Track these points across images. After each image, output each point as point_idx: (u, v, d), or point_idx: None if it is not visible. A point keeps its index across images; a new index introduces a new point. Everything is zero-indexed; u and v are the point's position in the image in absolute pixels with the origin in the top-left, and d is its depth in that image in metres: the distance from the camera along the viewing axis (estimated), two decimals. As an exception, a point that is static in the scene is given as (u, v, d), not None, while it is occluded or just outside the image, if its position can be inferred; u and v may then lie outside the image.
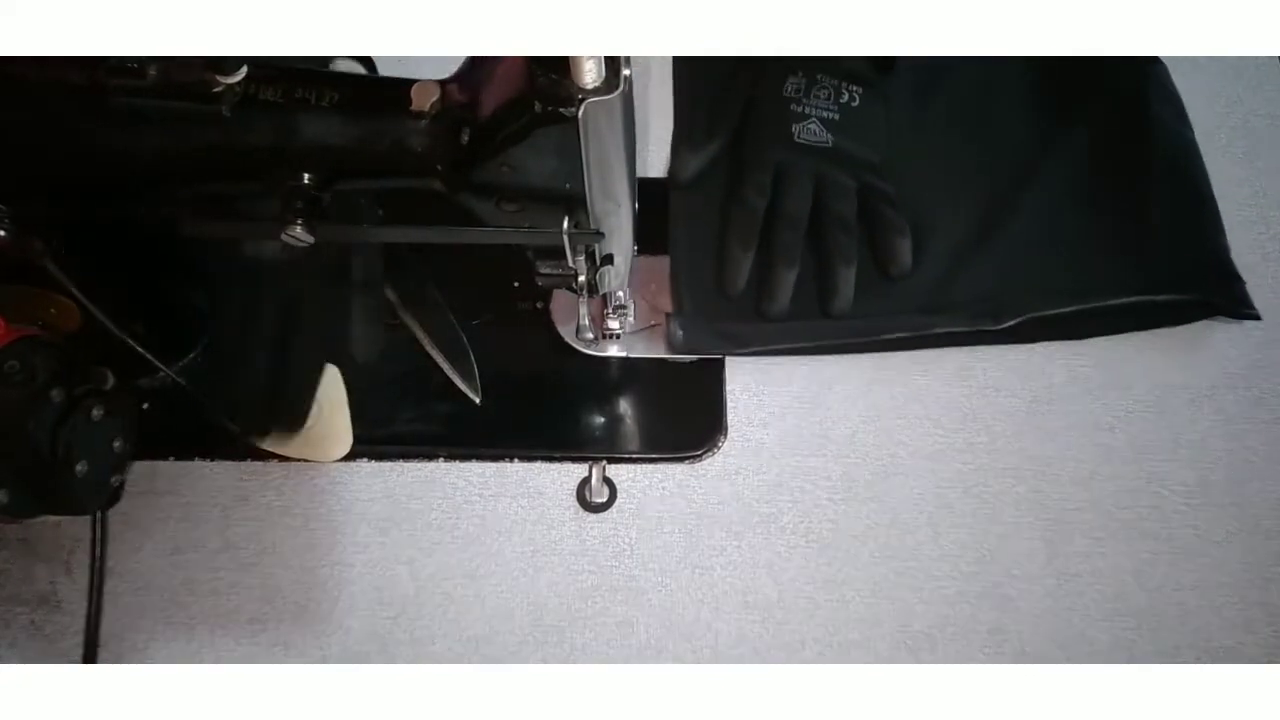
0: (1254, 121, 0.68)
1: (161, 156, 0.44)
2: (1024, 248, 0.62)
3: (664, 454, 0.58)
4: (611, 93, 0.37)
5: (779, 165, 0.63)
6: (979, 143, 0.66)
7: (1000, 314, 0.59)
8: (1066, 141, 0.65)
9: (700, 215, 0.63)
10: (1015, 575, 0.55)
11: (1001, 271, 0.61)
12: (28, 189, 0.45)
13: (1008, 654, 0.54)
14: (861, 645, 0.54)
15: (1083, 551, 0.56)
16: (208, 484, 0.57)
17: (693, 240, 0.62)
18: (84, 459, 0.47)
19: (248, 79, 0.42)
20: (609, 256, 0.47)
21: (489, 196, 0.44)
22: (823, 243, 0.61)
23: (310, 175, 0.44)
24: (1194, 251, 0.61)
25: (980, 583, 0.55)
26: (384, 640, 0.54)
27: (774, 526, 0.56)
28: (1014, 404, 0.60)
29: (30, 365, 0.45)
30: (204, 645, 0.54)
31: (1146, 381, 0.60)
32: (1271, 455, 0.58)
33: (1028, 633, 0.54)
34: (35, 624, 0.54)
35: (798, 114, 0.64)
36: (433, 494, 0.57)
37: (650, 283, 0.61)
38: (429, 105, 0.42)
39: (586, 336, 0.59)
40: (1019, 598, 0.55)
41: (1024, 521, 0.57)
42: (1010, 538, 0.56)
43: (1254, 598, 0.55)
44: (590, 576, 0.55)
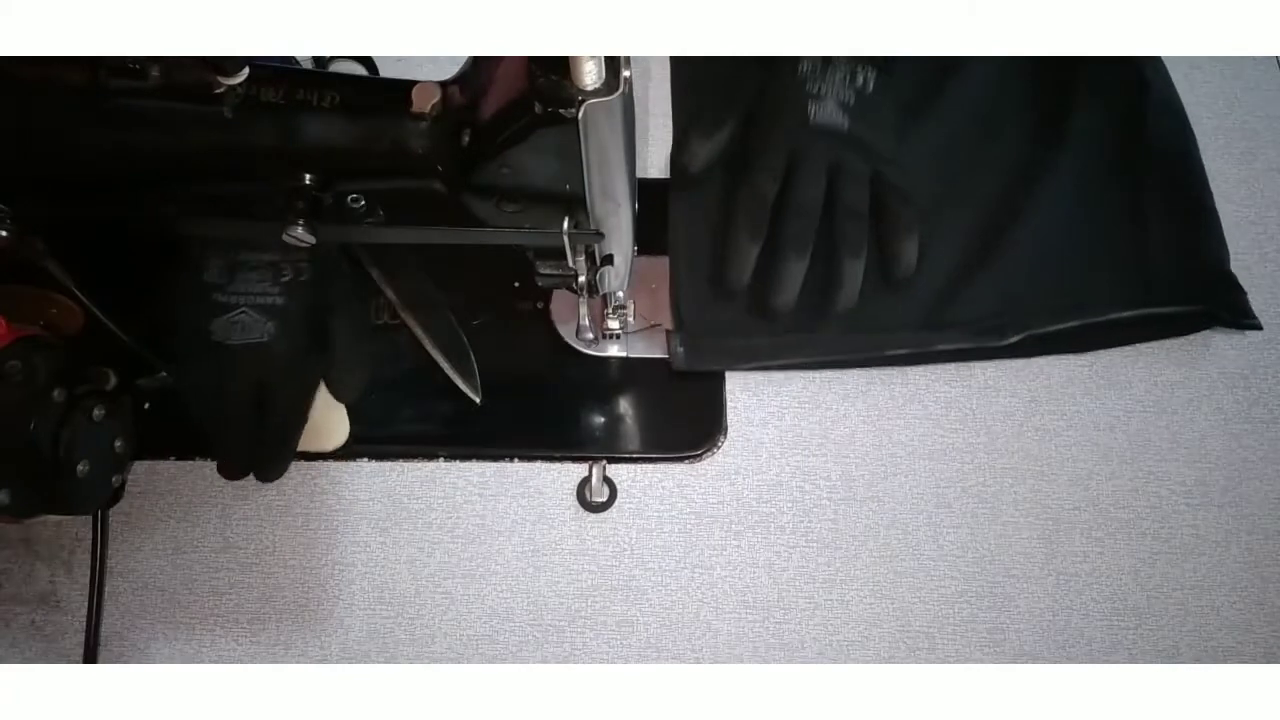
0: (1253, 122, 0.68)
1: (163, 157, 0.44)
2: (1025, 263, 0.61)
3: (664, 454, 0.58)
4: (611, 94, 0.37)
5: (793, 150, 0.61)
6: (976, 155, 0.65)
7: (1003, 330, 0.59)
8: (1065, 154, 0.64)
9: (705, 210, 0.62)
10: (1014, 575, 0.55)
11: (1002, 287, 0.60)
12: (29, 189, 0.45)
13: (1007, 653, 0.54)
14: (861, 645, 0.54)
15: (1082, 551, 0.56)
16: (208, 484, 0.57)
17: (695, 240, 0.61)
18: (85, 459, 0.47)
19: (249, 80, 0.42)
20: (609, 257, 0.47)
21: (489, 197, 0.44)
22: (831, 232, 0.59)
23: (311, 176, 0.44)
24: (1195, 263, 0.61)
25: (979, 582, 0.55)
26: (384, 640, 0.54)
27: (773, 526, 0.57)
28: (1013, 404, 0.60)
29: (31, 365, 0.45)
30: (204, 645, 0.54)
31: (1145, 381, 0.60)
32: (1270, 455, 0.58)
33: (1027, 632, 0.54)
34: (35, 624, 0.54)
35: (813, 94, 0.62)
36: (433, 494, 0.57)
37: (651, 283, 0.61)
38: (430, 107, 0.42)
39: (586, 336, 0.59)
40: (1018, 597, 0.55)
41: (1023, 521, 0.57)
42: (1009, 538, 0.56)
43: (1253, 597, 0.55)
44: (590, 576, 0.55)
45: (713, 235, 0.61)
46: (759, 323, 0.60)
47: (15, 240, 0.45)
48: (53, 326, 0.50)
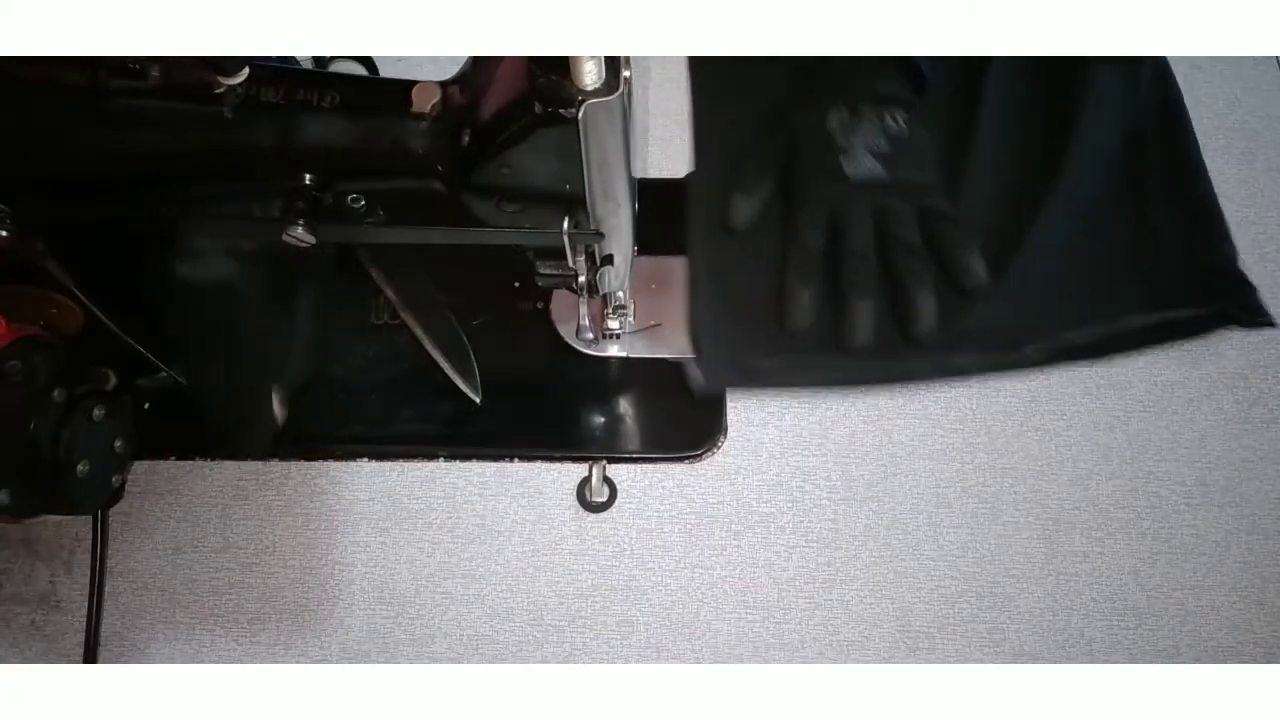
0: (1253, 122, 0.68)
1: (163, 157, 0.44)
2: (1037, 278, 0.60)
3: (664, 454, 0.58)
4: (611, 94, 0.37)
5: (832, 202, 0.60)
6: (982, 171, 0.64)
7: (1022, 348, 0.58)
8: (1068, 165, 0.64)
9: (757, 262, 0.61)
10: (1014, 575, 0.55)
11: (1017, 304, 0.60)
12: (29, 189, 0.45)
13: (1006, 653, 0.54)
14: (861, 645, 0.54)
15: (1082, 551, 0.56)
16: (208, 484, 0.57)
17: (733, 286, 0.60)
18: (85, 459, 0.47)
19: (249, 80, 0.42)
20: (609, 257, 0.47)
21: (489, 197, 0.44)
22: (893, 271, 0.59)
23: (311, 176, 0.44)
24: (1206, 264, 0.61)
25: (979, 582, 0.55)
26: (384, 640, 0.54)
27: (773, 526, 0.57)
28: (1013, 404, 0.60)
29: (32, 365, 0.45)
30: (204, 645, 0.54)
31: (1145, 381, 0.60)
32: (1269, 455, 0.58)
33: (1027, 632, 0.54)
34: (35, 624, 0.54)
35: (844, 148, 0.61)
36: (433, 494, 0.57)
37: (651, 283, 0.61)
38: (430, 107, 0.42)
39: (586, 336, 0.59)
40: (1018, 597, 0.55)
41: (1023, 521, 0.57)
42: (1009, 537, 0.56)
43: (1252, 597, 0.55)
44: (590, 576, 0.55)
45: (765, 288, 0.60)
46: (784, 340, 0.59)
47: (15, 240, 0.45)
48: (53, 326, 0.50)
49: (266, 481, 0.57)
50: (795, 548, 0.56)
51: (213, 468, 0.58)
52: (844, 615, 0.55)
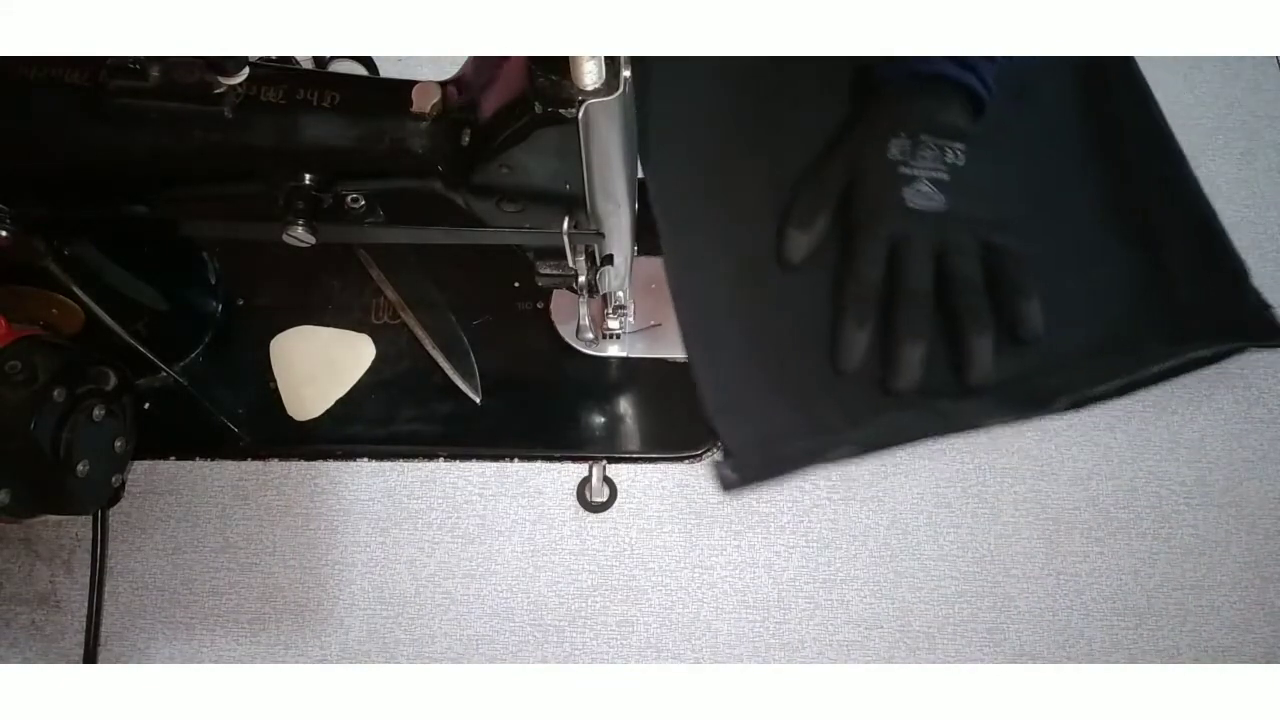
0: (1252, 123, 0.68)
1: (163, 157, 0.44)
2: (1057, 324, 0.58)
3: (664, 454, 0.58)
4: (611, 94, 0.37)
5: (894, 234, 0.58)
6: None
7: (1050, 400, 0.57)
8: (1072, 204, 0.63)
9: (812, 298, 0.60)
10: (1014, 575, 0.55)
11: (1040, 352, 0.58)
12: (29, 189, 0.45)
13: (1007, 653, 0.54)
14: (861, 645, 0.54)
15: (1082, 551, 0.56)
16: (208, 484, 0.57)
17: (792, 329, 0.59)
18: (85, 459, 0.47)
19: (249, 80, 0.42)
20: (609, 257, 0.47)
21: (489, 197, 0.44)
22: (952, 311, 0.57)
23: (311, 176, 0.44)
24: (1222, 292, 0.60)
25: (979, 582, 0.55)
26: (384, 640, 0.54)
27: (773, 526, 0.57)
28: (1013, 404, 0.60)
29: (32, 365, 0.45)
30: (204, 645, 0.54)
31: (1145, 381, 0.60)
32: (1270, 455, 0.58)
33: (1027, 632, 0.54)
34: (35, 624, 0.54)
35: (908, 176, 0.59)
36: (433, 494, 0.57)
37: (651, 283, 0.61)
38: (430, 106, 0.42)
39: (586, 336, 0.59)
40: (1018, 597, 0.55)
41: (1023, 521, 0.57)
42: (1009, 537, 0.56)
43: (1252, 597, 0.55)
44: (590, 576, 0.55)
45: (817, 324, 0.59)
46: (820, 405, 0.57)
47: (15, 240, 0.45)
48: (53, 326, 0.50)
49: (266, 481, 0.57)
50: (795, 548, 0.56)
51: (213, 468, 0.58)
52: (844, 615, 0.55)
